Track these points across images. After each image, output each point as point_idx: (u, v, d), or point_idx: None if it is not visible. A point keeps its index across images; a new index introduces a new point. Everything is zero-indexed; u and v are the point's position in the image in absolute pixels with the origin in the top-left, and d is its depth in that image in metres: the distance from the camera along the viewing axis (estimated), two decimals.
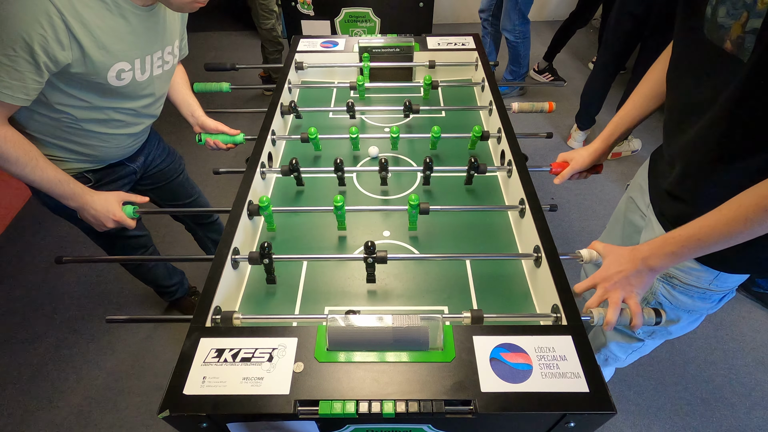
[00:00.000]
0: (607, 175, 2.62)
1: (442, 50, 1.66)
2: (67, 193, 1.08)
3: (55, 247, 2.21)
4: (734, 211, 0.70)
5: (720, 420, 1.62)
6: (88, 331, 1.88)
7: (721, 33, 0.72)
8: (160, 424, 1.58)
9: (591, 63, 3.49)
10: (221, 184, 2.55)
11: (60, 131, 1.08)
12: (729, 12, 0.69)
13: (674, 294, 0.98)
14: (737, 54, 0.68)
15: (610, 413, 0.67)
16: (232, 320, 0.83)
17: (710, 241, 0.73)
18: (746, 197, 0.69)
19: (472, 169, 1.16)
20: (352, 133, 1.27)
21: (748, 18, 0.65)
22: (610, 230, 1.30)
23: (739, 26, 0.67)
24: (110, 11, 0.96)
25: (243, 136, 1.38)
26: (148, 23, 1.04)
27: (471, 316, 0.81)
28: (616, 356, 1.26)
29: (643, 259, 0.80)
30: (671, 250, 0.77)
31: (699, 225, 0.74)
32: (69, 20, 0.89)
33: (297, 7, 2.45)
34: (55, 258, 1.04)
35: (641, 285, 0.81)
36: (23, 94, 0.92)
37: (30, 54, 0.87)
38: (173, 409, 0.67)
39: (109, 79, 1.01)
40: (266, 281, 0.99)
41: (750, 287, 1.97)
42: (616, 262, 0.83)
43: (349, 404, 0.67)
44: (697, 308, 0.99)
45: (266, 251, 0.92)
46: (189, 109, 1.38)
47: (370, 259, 0.93)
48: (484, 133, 1.28)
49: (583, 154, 1.12)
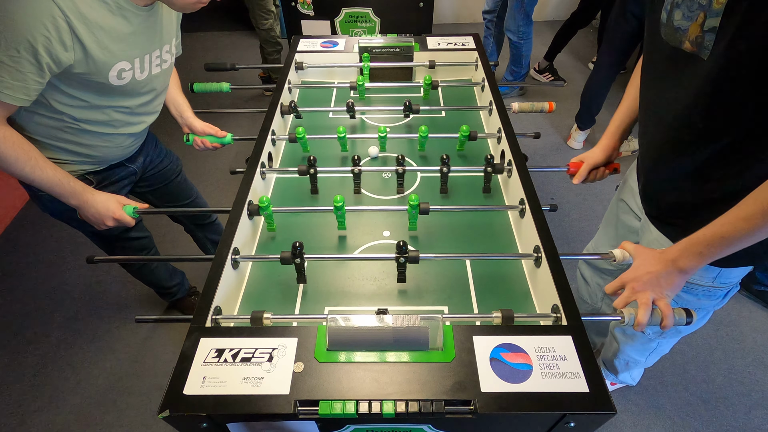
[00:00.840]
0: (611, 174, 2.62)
1: (442, 50, 1.66)
2: (67, 192, 1.08)
3: (55, 247, 2.21)
4: (751, 206, 0.70)
5: (720, 420, 1.61)
6: (88, 331, 1.88)
7: (678, 35, 0.75)
8: (160, 424, 1.58)
9: (591, 63, 3.49)
10: (221, 184, 2.55)
11: (60, 132, 1.08)
12: (684, 15, 0.73)
13: (679, 294, 0.98)
14: (697, 53, 0.72)
15: (610, 413, 0.67)
16: (262, 320, 0.82)
17: (733, 237, 0.73)
18: (762, 192, 0.69)
19: (489, 166, 1.15)
20: (340, 132, 1.26)
21: (706, 18, 0.69)
22: (604, 232, 1.30)
23: (696, 26, 0.71)
24: (112, 12, 0.97)
25: (231, 137, 1.38)
26: (147, 23, 1.05)
27: (501, 316, 0.81)
28: (635, 360, 1.26)
29: (673, 261, 0.80)
30: (698, 250, 0.78)
31: (720, 223, 0.75)
32: (73, 21, 0.89)
33: (297, 7, 2.45)
34: (87, 258, 1.05)
35: (671, 287, 0.81)
36: (24, 95, 0.92)
37: (33, 55, 0.88)
38: (173, 409, 0.67)
39: (110, 78, 1.02)
40: (297, 281, 0.99)
41: (751, 285, 1.97)
42: (645, 263, 0.83)
43: (349, 404, 0.67)
44: (703, 306, 1.00)
45: (298, 251, 0.91)
46: (178, 110, 1.39)
47: (401, 258, 0.93)
48: (471, 133, 1.28)
49: (595, 151, 1.14)
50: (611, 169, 1.17)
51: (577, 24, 3.09)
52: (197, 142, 1.39)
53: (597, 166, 1.15)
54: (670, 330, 1.09)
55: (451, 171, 1.17)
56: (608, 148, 1.13)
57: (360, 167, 1.17)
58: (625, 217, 1.15)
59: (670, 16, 0.77)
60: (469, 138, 1.29)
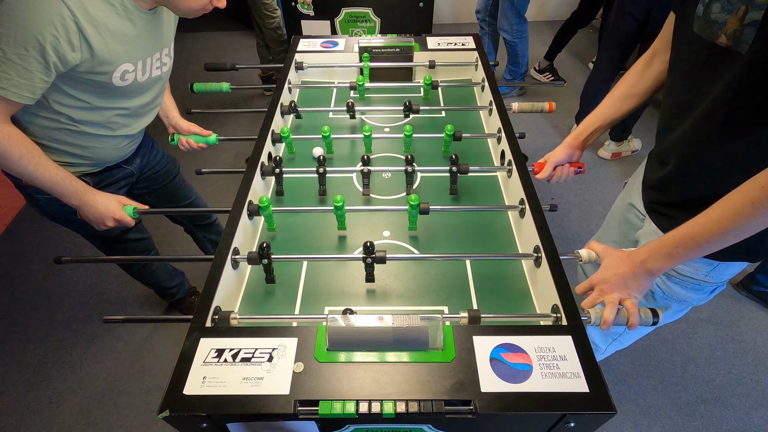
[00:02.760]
0: (607, 175, 2.62)
1: (442, 50, 1.66)
2: (69, 191, 1.08)
3: (55, 247, 2.21)
4: (723, 207, 0.70)
5: (720, 420, 1.62)
6: (88, 331, 1.88)
7: (714, 28, 0.74)
8: (160, 424, 1.58)
9: (591, 63, 3.50)
10: (221, 184, 2.55)
11: (57, 133, 1.08)
12: (724, 7, 0.72)
13: (669, 284, 0.99)
14: (734, 47, 0.71)
15: (610, 413, 0.67)
16: (229, 320, 0.83)
17: (703, 239, 0.73)
18: (735, 193, 0.69)
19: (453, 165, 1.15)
20: (324, 132, 1.26)
21: (747, 11, 0.68)
22: (606, 229, 1.30)
23: (736, 20, 0.70)
24: (118, 14, 0.98)
25: (216, 137, 1.38)
26: (150, 26, 1.07)
27: (468, 316, 0.81)
28: (596, 345, 1.27)
29: (641, 262, 0.80)
30: (667, 251, 0.78)
31: (692, 224, 0.75)
32: (81, 22, 0.91)
33: (297, 7, 2.45)
34: (54, 258, 1.04)
35: (638, 288, 0.82)
36: (30, 93, 0.93)
37: (41, 54, 0.88)
38: (173, 409, 0.67)
39: (114, 79, 1.03)
40: (265, 281, 0.99)
41: (751, 286, 1.97)
42: (613, 265, 0.83)
43: (349, 404, 0.67)
44: (688, 299, 1.00)
45: (265, 251, 0.92)
46: (164, 110, 1.39)
47: (369, 259, 0.93)
48: (456, 133, 1.28)
49: (557, 149, 1.15)
50: (575, 167, 1.17)
51: (578, 23, 3.09)
52: (182, 142, 1.40)
53: (560, 163, 1.14)
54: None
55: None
56: (570, 146, 1.13)
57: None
58: (629, 215, 1.15)
59: (707, 9, 0.75)
60: (454, 138, 1.28)
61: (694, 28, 0.78)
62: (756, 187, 0.66)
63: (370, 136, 1.28)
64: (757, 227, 0.69)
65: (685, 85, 0.84)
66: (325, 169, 1.17)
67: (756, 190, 0.66)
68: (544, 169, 1.14)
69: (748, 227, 0.69)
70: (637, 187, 1.10)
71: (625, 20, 2.22)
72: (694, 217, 0.75)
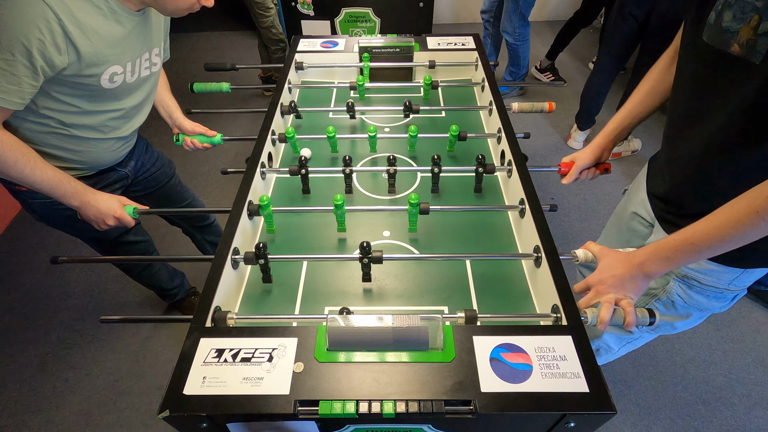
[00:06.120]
0: (608, 175, 2.62)
1: (442, 50, 1.66)
2: (69, 192, 1.08)
3: (55, 247, 2.21)
4: (726, 214, 0.70)
5: (720, 420, 1.62)
6: (88, 331, 1.88)
7: (726, 37, 0.73)
8: (160, 424, 1.58)
9: (591, 63, 3.50)
10: (221, 184, 2.55)
11: (48, 137, 1.08)
12: (736, 16, 0.71)
13: (690, 294, 0.98)
14: (747, 56, 0.70)
15: (610, 413, 0.67)
16: (226, 320, 0.83)
17: (703, 245, 0.73)
18: (739, 201, 0.69)
19: (481, 166, 1.15)
20: (329, 133, 1.26)
21: (761, 21, 0.67)
22: (607, 235, 1.30)
23: (749, 29, 0.69)
24: (105, 17, 0.97)
25: (221, 137, 1.38)
26: (138, 27, 1.06)
27: (465, 315, 0.81)
28: (609, 347, 1.26)
29: (639, 265, 0.80)
30: (665, 255, 0.77)
31: (693, 229, 0.74)
32: (66, 25, 0.90)
33: (297, 7, 2.45)
34: (51, 258, 1.04)
35: (634, 290, 0.81)
36: (19, 98, 0.92)
37: (28, 58, 0.88)
38: (173, 409, 0.67)
39: (102, 82, 1.02)
40: (262, 280, 0.99)
41: (751, 286, 1.97)
42: (610, 266, 0.83)
43: (349, 404, 0.67)
44: (710, 307, 1.00)
45: (262, 251, 0.92)
46: (167, 111, 1.39)
47: (365, 259, 0.93)
48: (461, 133, 1.28)
49: (586, 150, 1.14)
50: (602, 169, 1.16)
51: (580, 23, 3.09)
52: (187, 142, 1.39)
53: (587, 167, 1.14)
54: (664, 326, 1.09)
55: (442, 171, 1.16)
56: (599, 147, 1.12)
57: (352, 168, 1.17)
58: (632, 223, 1.15)
59: (719, 17, 0.74)
60: (459, 138, 1.28)
61: (704, 37, 0.77)
62: (761, 197, 0.66)
63: (375, 136, 1.28)
64: (759, 235, 0.69)
65: (694, 93, 0.82)
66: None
67: (761, 200, 0.66)
68: (570, 174, 1.13)
69: (750, 235, 0.69)
70: (641, 195, 1.09)
71: (626, 20, 2.22)
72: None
